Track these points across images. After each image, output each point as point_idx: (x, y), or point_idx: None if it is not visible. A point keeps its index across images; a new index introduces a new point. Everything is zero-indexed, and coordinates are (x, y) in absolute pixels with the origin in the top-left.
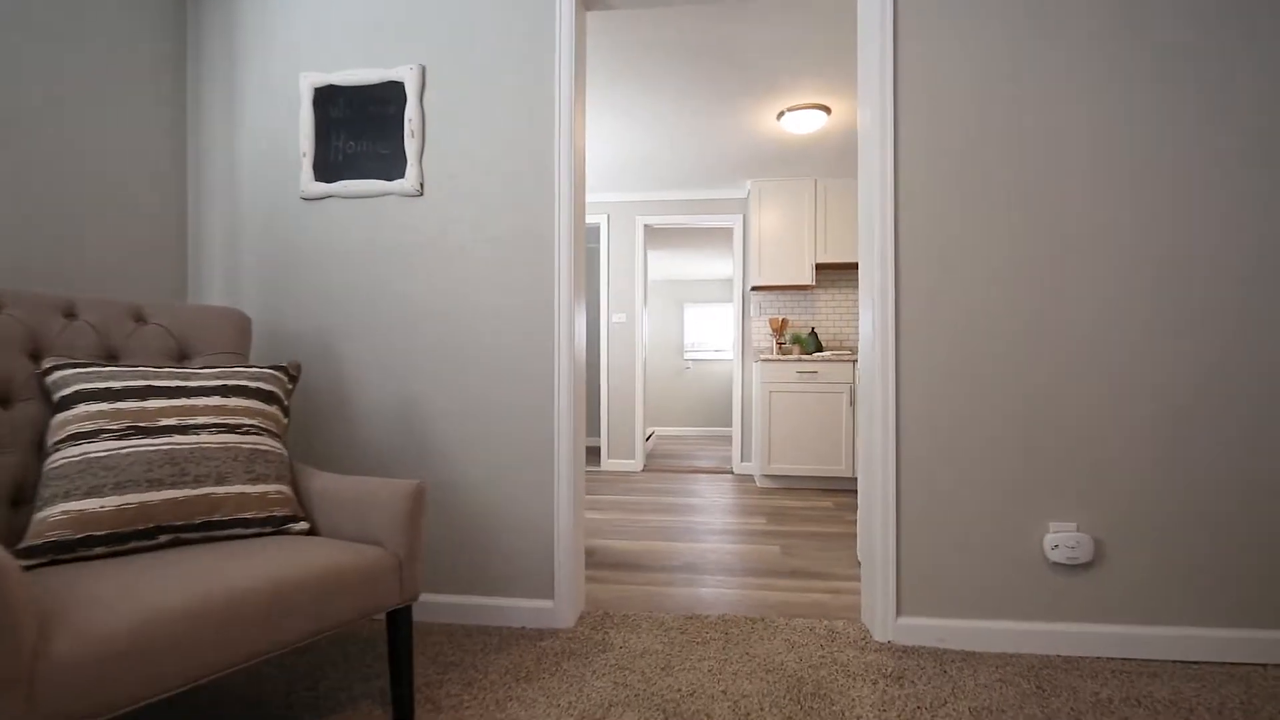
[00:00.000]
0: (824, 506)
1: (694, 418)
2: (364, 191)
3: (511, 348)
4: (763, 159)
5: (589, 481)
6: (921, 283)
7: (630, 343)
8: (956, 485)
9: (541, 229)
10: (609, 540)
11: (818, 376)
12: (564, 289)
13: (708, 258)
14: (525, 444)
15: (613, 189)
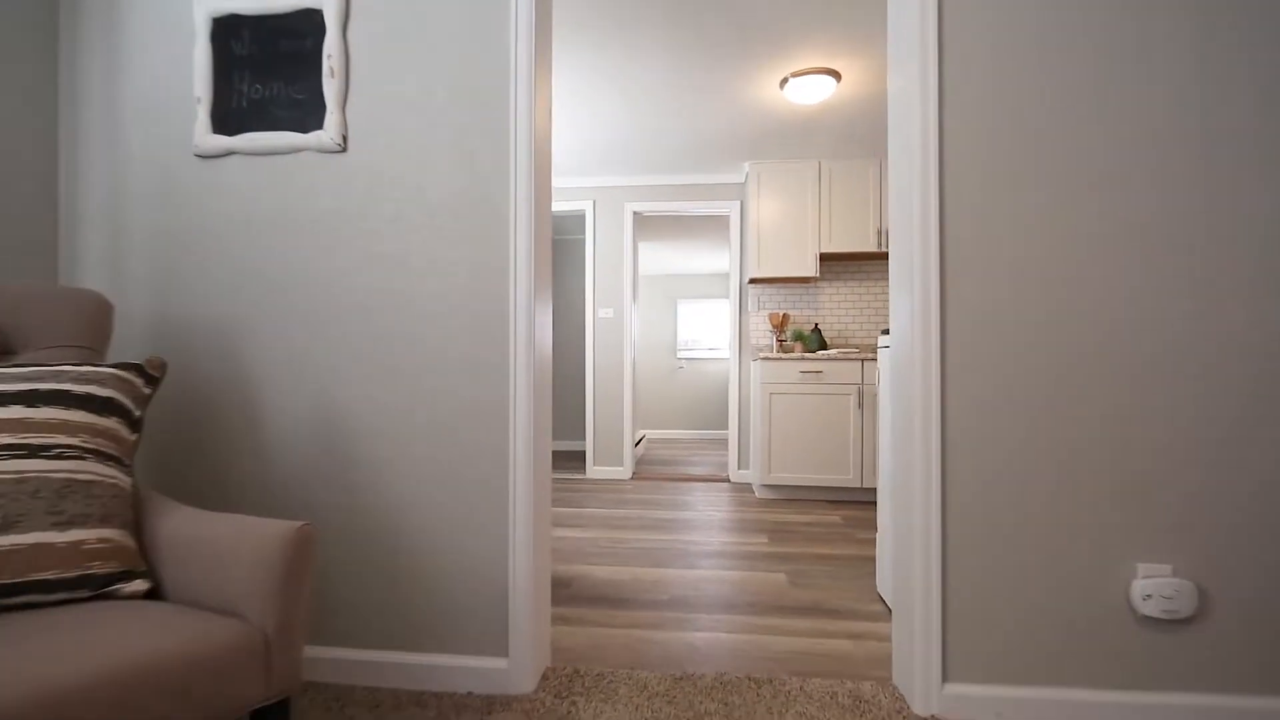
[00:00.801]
0: (831, 522)
1: (688, 420)
2: (273, 146)
3: (457, 343)
4: (762, 137)
5: (572, 492)
6: (972, 276)
7: (618, 340)
8: (1018, 515)
9: (494, 194)
10: (590, 566)
11: (823, 377)
12: (522, 270)
13: (703, 250)
14: (474, 462)
15: (599, 172)
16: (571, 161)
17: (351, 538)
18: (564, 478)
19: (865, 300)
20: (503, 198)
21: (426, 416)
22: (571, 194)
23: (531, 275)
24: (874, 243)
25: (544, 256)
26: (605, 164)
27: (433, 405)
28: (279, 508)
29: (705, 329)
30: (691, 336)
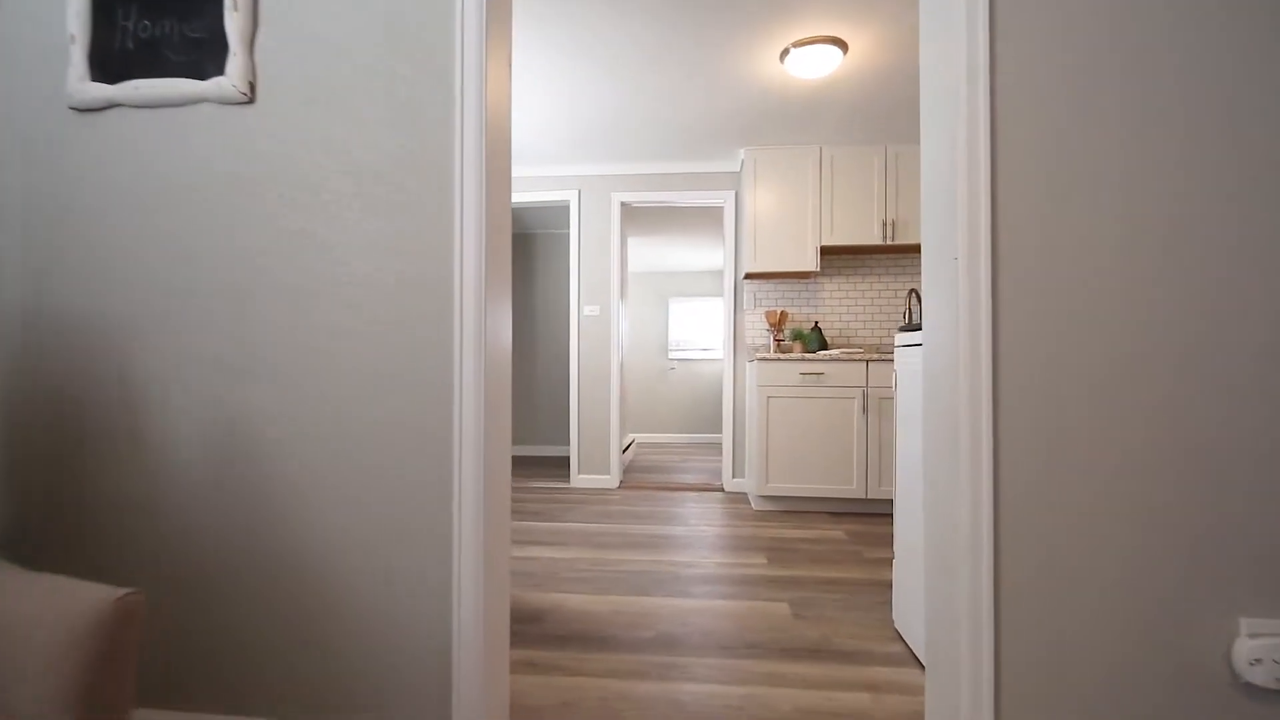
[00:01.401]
0: (835, 538)
1: (680, 423)
2: (165, 97)
3: (390, 340)
4: (760, 120)
5: (554, 504)
6: (1029, 269)
7: (605, 339)
8: (1086, 552)
9: (435, 155)
10: (566, 594)
11: (825, 379)
12: (470, 252)
13: (695, 246)
14: (409, 485)
15: (584, 160)
16: (553, 147)
17: (252, 577)
18: (546, 487)
19: (869, 297)
20: (447, 161)
21: (350, 431)
22: (554, 183)
23: (482, 258)
24: (879, 235)
25: (499, 237)
26: (590, 150)
27: (357, 417)
28: (167, 541)
29: (698, 328)
30: (684, 336)
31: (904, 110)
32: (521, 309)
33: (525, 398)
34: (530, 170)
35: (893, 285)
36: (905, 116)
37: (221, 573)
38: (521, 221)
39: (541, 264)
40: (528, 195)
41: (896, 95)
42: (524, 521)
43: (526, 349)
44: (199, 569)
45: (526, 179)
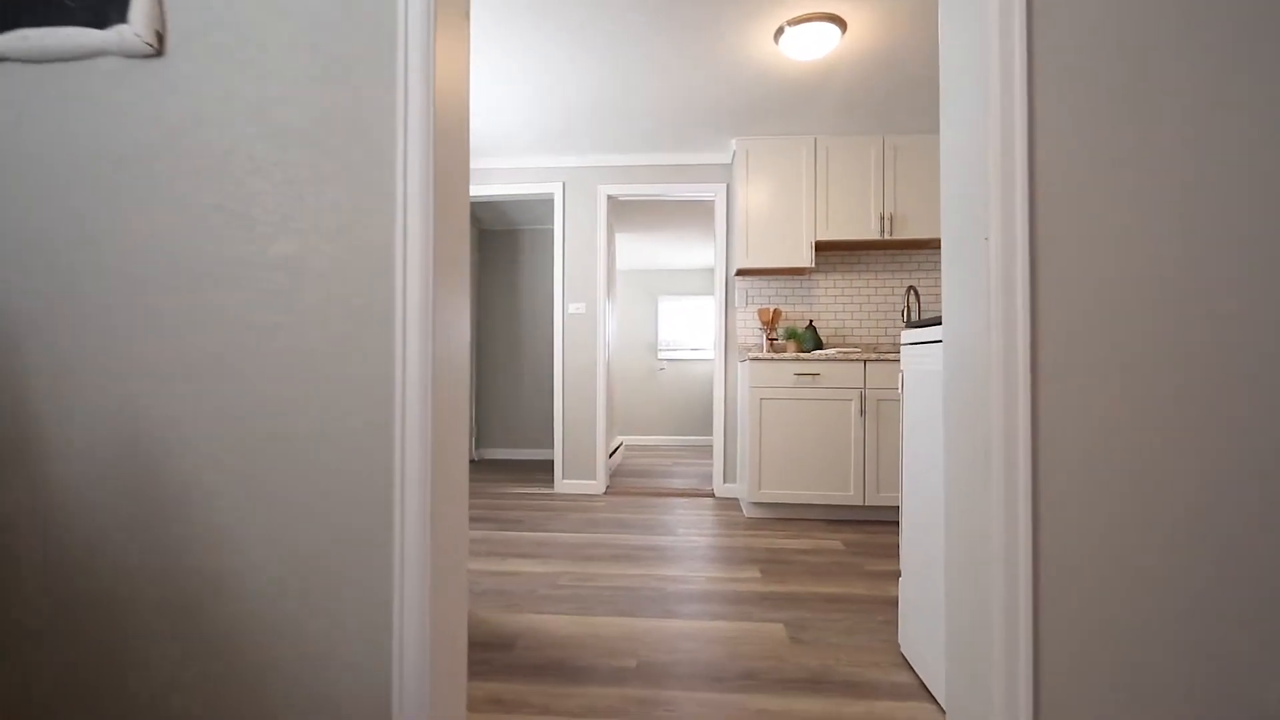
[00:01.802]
0: (832, 549)
1: (669, 425)
2: (59, 48)
3: (319, 334)
4: (752, 108)
5: (537, 512)
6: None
7: (590, 338)
8: (1148, 580)
9: (373, 116)
10: (543, 615)
11: (820, 380)
12: (415, 232)
13: (685, 243)
14: (342, 501)
15: (568, 151)
16: (536, 138)
17: (157, 601)
18: (529, 493)
19: (865, 294)
20: (388, 124)
21: (275, 436)
22: (537, 175)
23: (429, 239)
24: (876, 229)
25: (453, 216)
26: (575, 141)
27: (283, 421)
28: (58, 563)
29: (688, 327)
30: (673, 336)
31: (903, 97)
32: (507, 307)
33: (510, 399)
34: (512, 162)
35: (890, 282)
36: (904, 104)
37: (121, 598)
38: (507, 217)
39: (528, 260)
40: (509, 188)
41: (896, 79)
42: (503, 532)
43: (512, 348)
44: (96, 594)
45: (508, 170)
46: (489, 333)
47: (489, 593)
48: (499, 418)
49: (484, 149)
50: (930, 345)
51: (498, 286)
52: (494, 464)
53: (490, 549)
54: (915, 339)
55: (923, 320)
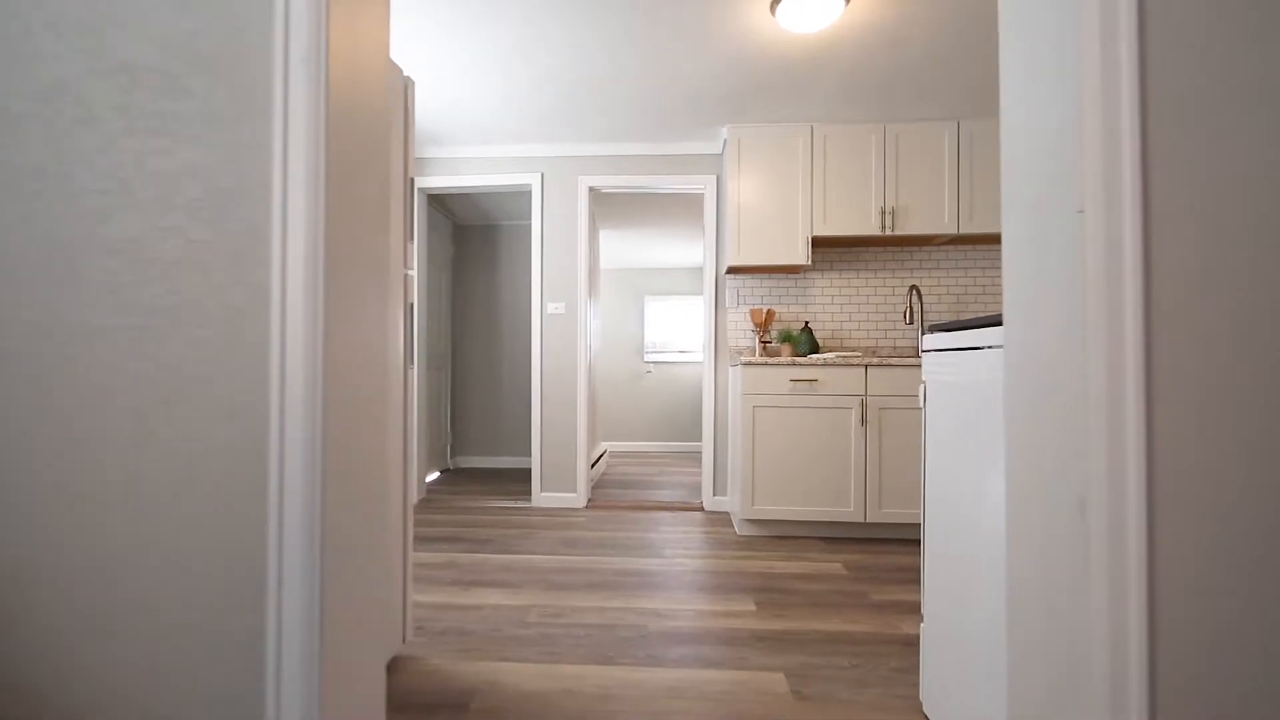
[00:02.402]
0: (833, 573)
1: (656, 431)
2: None
3: (171, 337)
4: (745, 89)
5: (511, 529)
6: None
7: (571, 340)
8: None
9: (245, 48)
10: (508, 663)
11: (819, 386)
12: (298, 198)
13: (673, 240)
14: (206, 572)
15: (546, 138)
16: (512, 124)
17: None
18: (504, 507)
19: (864, 294)
20: (264, 56)
21: (112, 469)
22: (513, 165)
23: (319, 212)
24: (876, 225)
25: (362, 182)
26: (553, 127)
27: (120, 451)
28: None
29: (676, 329)
30: (660, 338)
31: (908, 79)
32: (485, 307)
33: (488, 405)
34: (485, 150)
35: (890, 281)
36: (909, 88)
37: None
38: (483, 211)
39: (506, 257)
40: (482, 178)
41: (901, 59)
42: (471, 554)
43: (490, 351)
44: None
45: (481, 160)
46: (465, 335)
47: (448, 633)
48: (476, 424)
49: (453, 136)
50: (962, 354)
51: (474, 285)
52: (470, 473)
53: (455, 575)
54: (941, 345)
55: (952, 323)
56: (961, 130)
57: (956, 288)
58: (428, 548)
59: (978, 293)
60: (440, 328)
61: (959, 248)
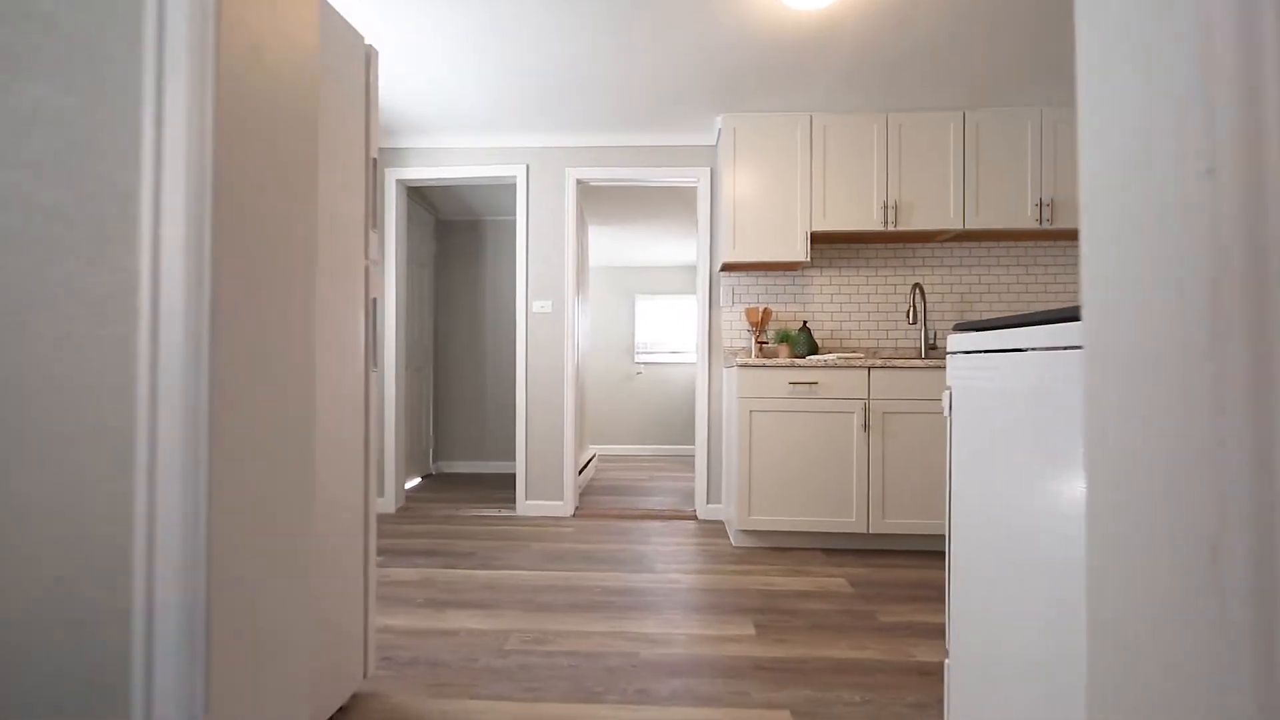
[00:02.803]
0: (837, 589)
1: (647, 434)
2: None
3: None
4: (742, 73)
5: (494, 540)
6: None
7: (558, 340)
8: None
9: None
10: (480, 700)
11: (819, 389)
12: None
13: (665, 236)
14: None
15: (531, 128)
16: (495, 113)
17: None
18: (487, 516)
19: (865, 293)
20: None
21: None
22: (497, 156)
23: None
24: (878, 220)
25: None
26: (538, 116)
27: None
28: None
29: (668, 329)
30: (651, 337)
31: (914, 65)
32: (469, 305)
33: (472, 407)
34: (467, 140)
35: (892, 279)
36: (914, 74)
37: None
38: (467, 205)
39: (492, 254)
40: (464, 169)
41: (908, 42)
42: (450, 570)
43: (474, 351)
44: None
45: (463, 150)
46: (449, 335)
47: (417, 663)
48: (460, 427)
49: (434, 125)
50: (1004, 356)
51: (458, 283)
52: (453, 479)
53: (430, 595)
54: (973, 345)
55: (989, 321)
56: (967, 121)
57: (960, 286)
58: (403, 562)
59: (982, 291)
60: (422, 327)
61: (963, 244)
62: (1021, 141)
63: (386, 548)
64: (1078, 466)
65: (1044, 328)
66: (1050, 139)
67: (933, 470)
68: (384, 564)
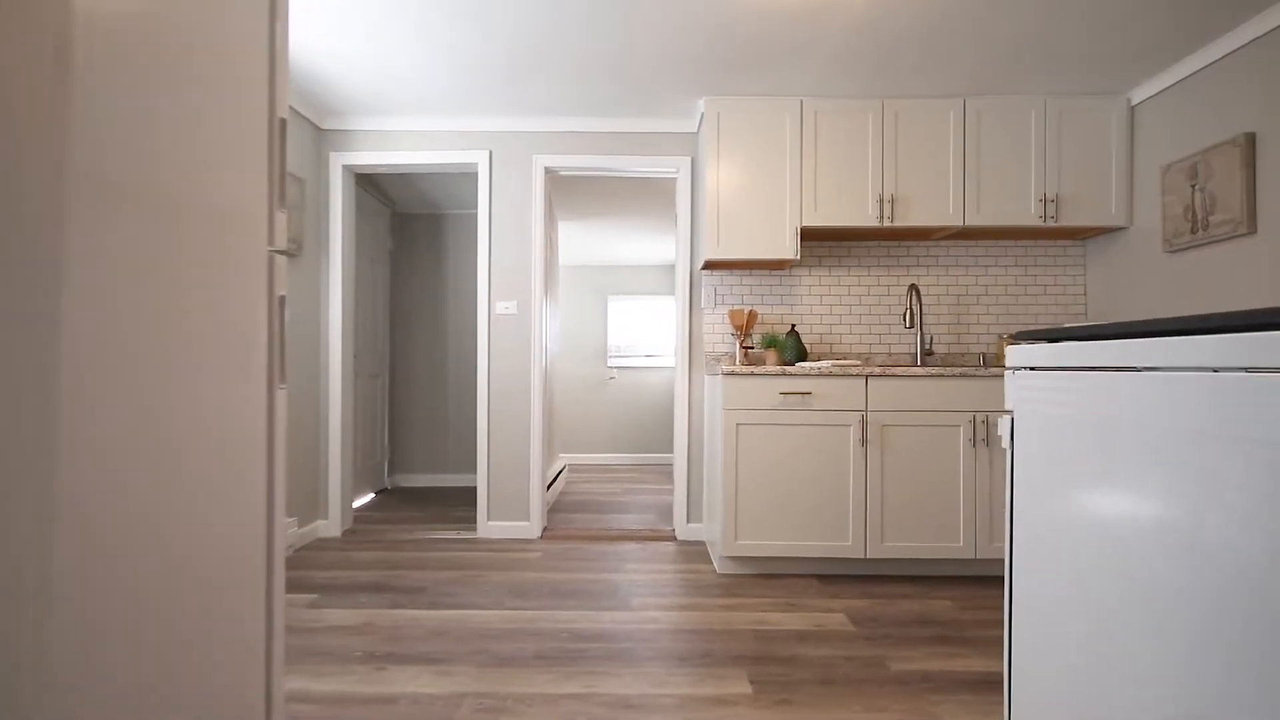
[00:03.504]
0: (838, 628)
1: (621, 442)
2: None
3: None
4: (727, 53)
5: (449, 570)
6: None
7: (524, 344)
8: None
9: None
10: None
11: (812, 400)
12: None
13: (641, 233)
14: None
15: (495, 110)
16: (453, 92)
17: None
18: (446, 539)
19: (856, 294)
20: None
21: None
22: (457, 140)
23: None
24: (874, 215)
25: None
26: (502, 97)
27: None
28: None
29: (643, 331)
30: (626, 340)
31: (913, 48)
32: (428, 306)
33: (432, 416)
34: (424, 122)
35: (885, 280)
36: (913, 57)
37: None
38: (427, 197)
39: (453, 250)
40: (420, 155)
41: (908, 23)
42: (396, 609)
43: (434, 355)
44: None
45: (418, 134)
46: (406, 337)
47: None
48: (419, 438)
49: (386, 106)
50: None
51: (417, 282)
52: (410, 495)
53: (369, 646)
54: (1050, 360)
55: (1082, 329)
56: (968, 110)
57: (957, 287)
58: (343, 601)
59: (979, 292)
60: (377, 330)
61: (960, 243)
62: (1025, 132)
63: (324, 582)
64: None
65: (1206, 339)
66: (1055, 130)
67: (934, 489)
68: (317, 604)
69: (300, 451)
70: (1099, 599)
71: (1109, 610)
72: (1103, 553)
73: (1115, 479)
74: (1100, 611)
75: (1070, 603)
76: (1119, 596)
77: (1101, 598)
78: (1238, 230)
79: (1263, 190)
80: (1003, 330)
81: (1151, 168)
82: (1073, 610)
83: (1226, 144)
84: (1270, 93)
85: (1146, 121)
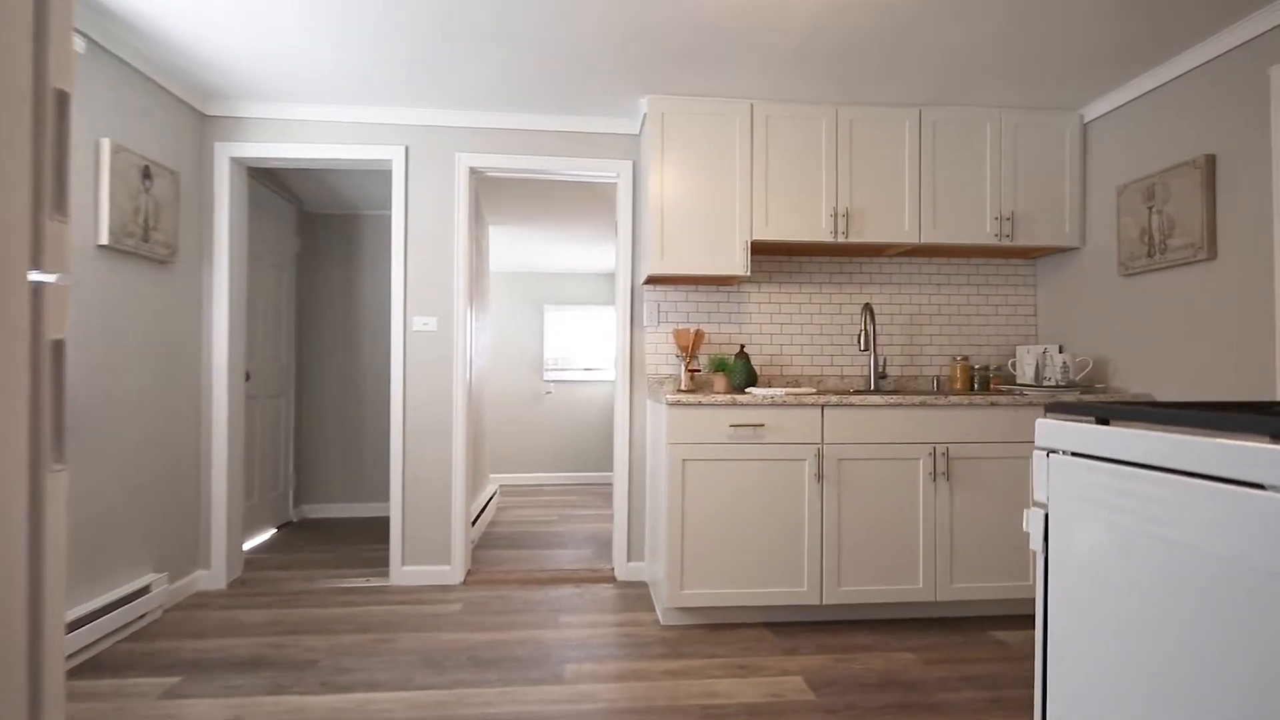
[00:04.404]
0: (797, 698)
1: (558, 460)
2: None
3: None
4: (673, 43)
5: (350, 635)
6: None
7: (445, 366)
8: None
9: None
10: None
11: (765, 432)
12: None
13: (579, 241)
14: None
15: (412, 101)
16: (363, 80)
17: None
18: (349, 589)
19: (808, 312)
20: None
21: None
22: (367, 133)
23: None
24: (828, 229)
25: None
26: (419, 85)
27: None
28: None
29: (581, 343)
30: (563, 353)
31: (871, 49)
32: (341, 318)
33: (346, 439)
34: (329, 112)
35: (837, 297)
36: (872, 60)
37: None
38: (340, 197)
39: (370, 255)
40: (325, 149)
41: (870, 18)
42: (279, 695)
43: (347, 372)
44: None
45: (325, 125)
46: (316, 351)
47: None
48: (330, 464)
49: (284, 91)
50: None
51: (329, 289)
52: (318, 528)
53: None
54: (1102, 449)
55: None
56: (924, 120)
57: (910, 306)
58: (210, 684)
59: (932, 312)
60: (280, 343)
61: (913, 260)
62: (980, 146)
63: (193, 658)
64: None
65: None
66: (1010, 145)
67: (893, 528)
68: (175, 691)
69: (172, 493)
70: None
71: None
72: (1118, 693)
73: (1196, 640)
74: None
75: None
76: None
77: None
78: (1197, 255)
79: (1224, 214)
80: (956, 352)
81: (1106, 188)
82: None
83: (1186, 165)
84: (1232, 114)
85: (1100, 140)
